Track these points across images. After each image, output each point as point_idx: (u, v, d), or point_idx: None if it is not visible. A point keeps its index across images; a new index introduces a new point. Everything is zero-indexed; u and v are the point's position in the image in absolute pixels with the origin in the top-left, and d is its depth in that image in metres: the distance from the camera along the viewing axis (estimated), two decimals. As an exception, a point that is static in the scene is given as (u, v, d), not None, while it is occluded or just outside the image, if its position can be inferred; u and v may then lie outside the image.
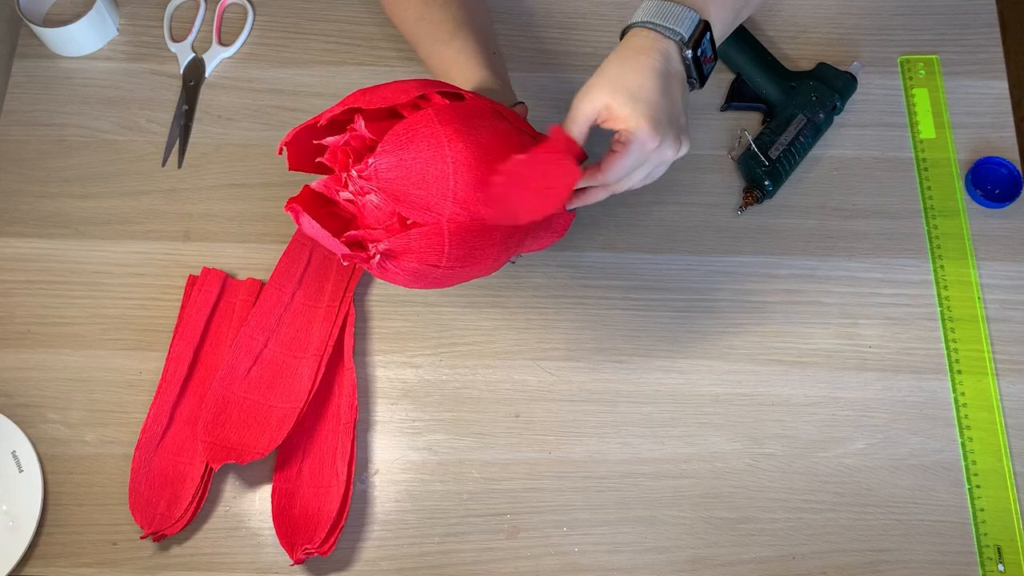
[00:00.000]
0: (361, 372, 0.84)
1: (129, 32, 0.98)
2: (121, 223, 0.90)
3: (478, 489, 0.81)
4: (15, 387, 0.84)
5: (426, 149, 0.66)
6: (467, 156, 0.66)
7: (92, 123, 0.94)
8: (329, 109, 0.70)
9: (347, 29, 0.98)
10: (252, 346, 0.83)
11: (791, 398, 0.83)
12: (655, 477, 0.81)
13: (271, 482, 0.80)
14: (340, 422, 0.81)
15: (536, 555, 0.79)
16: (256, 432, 0.80)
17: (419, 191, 0.66)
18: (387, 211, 0.67)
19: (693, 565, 0.79)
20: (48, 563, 0.79)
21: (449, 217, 0.66)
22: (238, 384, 0.81)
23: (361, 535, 0.80)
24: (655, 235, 0.89)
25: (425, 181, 0.66)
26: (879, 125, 0.93)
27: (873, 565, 0.78)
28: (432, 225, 0.66)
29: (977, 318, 0.85)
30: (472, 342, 0.85)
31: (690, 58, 0.69)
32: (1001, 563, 0.78)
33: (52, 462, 0.82)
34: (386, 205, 0.67)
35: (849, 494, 0.81)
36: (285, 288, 0.85)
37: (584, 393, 0.84)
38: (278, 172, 0.92)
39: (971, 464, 0.81)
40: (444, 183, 0.66)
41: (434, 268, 0.68)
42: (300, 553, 0.76)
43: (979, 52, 0.95)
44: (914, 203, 0.90)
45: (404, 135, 0.66)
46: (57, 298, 0.87)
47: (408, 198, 0.66)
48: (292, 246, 0.87)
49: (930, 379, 0.84)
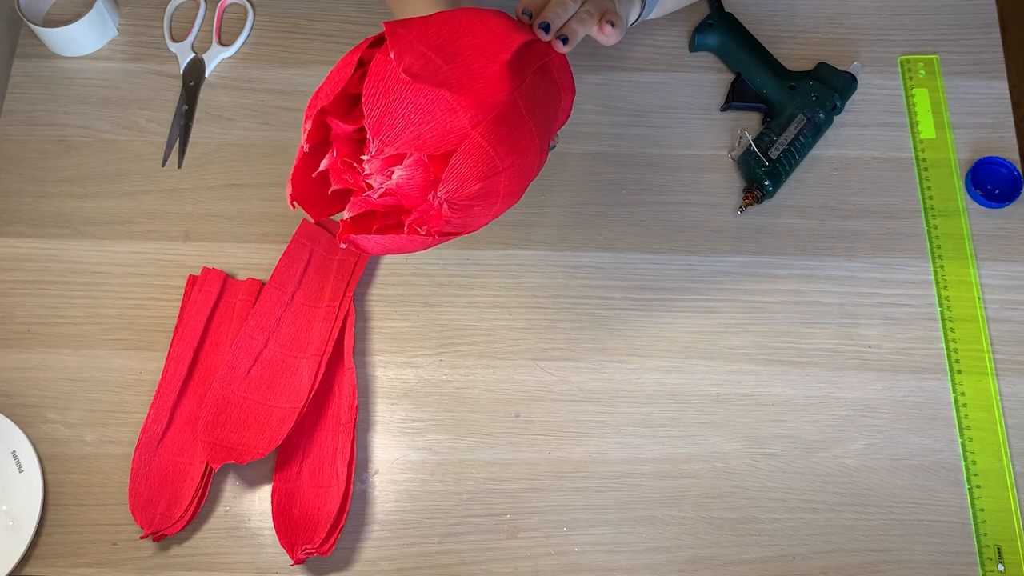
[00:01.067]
0: (361, 372, 0.84)
1: (129, 32, 0.98)
2: (121, 223, 0.90)
3: (478, 489, 0.81)
4: (15, 387, 0.84)
5: (402, 86, 0.63)
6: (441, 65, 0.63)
7: (92, 123, 0.94)
8: (304, 135, 0.67)
9: (347, 29, 0.98)
10: (252, 346, 0.83)
11: (791, 398, 0.83)
12: (655, 477, 0.81)
13: (271, 482, 0.80)
14: (340, 422, 0.81)
15: (536, 555, 0.79)
16: (256, 432, 0.80)
17: (428, 125, 0.63)
18: (421, 174, 0.65)
19: (693, 565, 0.79)
20: (48, 563, 0.79)
21: (471, 123, 0.63)
22: (238, 384, 0.81)
23: (361, 535, 0.80)
24: (655, 235, 0.89)
25: (425, 112, 0.63)
26: (879, 125, 0.93)
27: (873, 565, 0.78)
28: (464, 142, 0.63)
29: (977, 318, 0.85)
30: (472, 342, 0.85)
31: None
32: (1001, 563, 0.78)
33: (52, 462, 0.82)
34: (415, 167, 0.65)
35: (849, 494, 0.81)
36: (285, 288, 0.85)
37: (584, 393, 0.84)
38: (278, 172, 0.92)
39: (971, 464, 0.81)
40: (442, 102, 0.63)
41: (496, 175, 0.65)
42: (300, 553, 0.76)
43: (979, 52, 0.95)
44: (914, 203, 0.90)
45: (375, 88, 0.63)
46: (57, 298, 0.87)
47: (425, 137, 0.63)
48: (292, 246, 0.87)
49: (930, 379, 0.84)
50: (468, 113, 0.63)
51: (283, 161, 0.92)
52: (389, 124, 0.63)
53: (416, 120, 0.63)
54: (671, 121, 0.93)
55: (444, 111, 0.63)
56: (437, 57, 0.64)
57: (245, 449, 0.79)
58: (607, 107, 0.94)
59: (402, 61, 0.62)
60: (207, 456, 0.78)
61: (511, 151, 0.65)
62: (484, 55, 0.65)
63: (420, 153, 0.65)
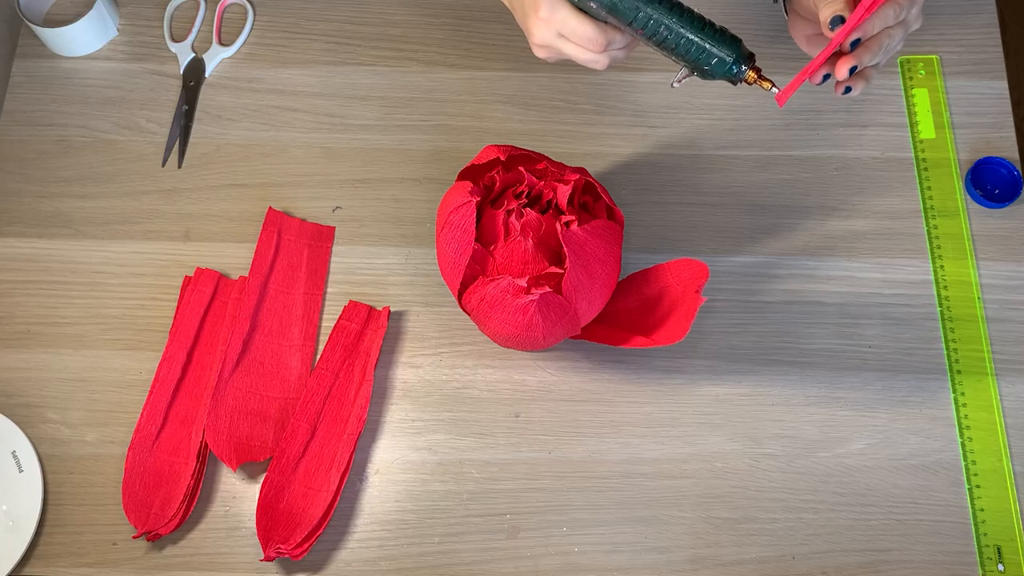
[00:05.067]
0: (361, 372, 0.84)
1: (129, 32, 0.98)
2: (121, 223, 0.90)
3: (478, 489, 0.81)
4: (15, 387, 0.84)
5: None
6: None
7: (92, 123, 0.94)
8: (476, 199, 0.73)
9: (347, 29, 0.98)
10: (240, 338, 0.83)
11: (791, 398, 0.83)
12: (655, 477, 0.81)
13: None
14: (345, 431, 0.80)
15: (536, 555, 0.79)
16: (261, 424, 0.81)
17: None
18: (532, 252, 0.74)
19: (693, 565, 0.79)
20: (48, 563, 0.79)
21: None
22: (236, 378, 0.82)
23: (361, 535, 0.80)
24: (655, 235, 0.89)
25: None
26: (879, 125, 0.93)
27: (873, 565, 0.78)
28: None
29: (977, 318, 0.85)
30: (472, 342, 0.85)
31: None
32: (1001, 563, 0.78)
33: (52, 462, 0.82)
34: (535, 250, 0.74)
35: (849, 494, 0.81)
36: (259, 276, 0.86)
37: (584, 393, 0.84)
38: (278, 172, 0.92)
39: (971, 464, 0.81)
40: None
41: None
42: (272, 551, 0.76)
43: (979, 52, 0.95)
44: (914, 203, 0.90)
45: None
46: (57, 298, 0.87)
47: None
48: (262, 235, 0.87)
49: (930, 379, 0.84)
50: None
51: (283, 161, 0.92)
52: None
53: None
54: (671, 121, 0.93)
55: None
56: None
57: (256, 442, 0.80)
58: (607, 107, 0.94)
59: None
60: (225, 458, 0.79)
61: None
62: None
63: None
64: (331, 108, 0.94)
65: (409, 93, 0.95)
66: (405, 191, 0.91)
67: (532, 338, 0.75)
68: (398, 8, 0.98)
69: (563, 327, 0.75)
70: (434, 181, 0.91)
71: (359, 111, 0.94)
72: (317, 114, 0.94)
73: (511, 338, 0.76)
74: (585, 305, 0.74)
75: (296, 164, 0.92)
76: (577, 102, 0.94)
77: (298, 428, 0.80)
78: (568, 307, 0.73)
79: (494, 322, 0.74)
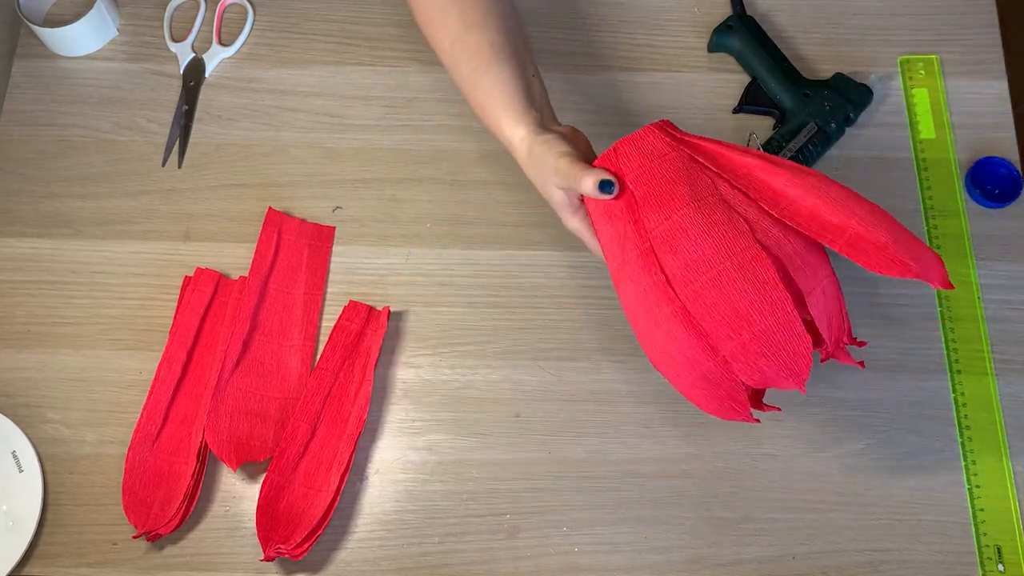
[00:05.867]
0: (361, 372, 0.84)
1: (129, 32, 0.98)
2: (121, 223, 0.90)
3: (478, 489, 0.81)
4: (15, 387, 0.84)
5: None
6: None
7: (92, 123, 0.94)
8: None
9: (347, 29, 0.98)
10: (239, 338, 0.83)
11: (790, 398, 0.83)
12: (655, 477, 0.81)
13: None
14: (346, 431, 0.80)
15: (536, 555, 0.79)
16: (261, 423, 0.81)
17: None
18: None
19: (693, 565, 0.79)
20: (48, 563, 0.79)
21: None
22: (236, 377, 0.82)
23: (361, 535, 0.80)
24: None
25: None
26: (879, 125, 0.93)
27: (873, 565, 0.78)
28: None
29: (976, 318, 0.85)
30: (472, 342, 0.85)
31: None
32: (1001, 563, 0.78)
33: (52, 462, 0.82)
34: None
35: (849, 494, 0.81)
36: (259, 276, 0.85)
37: (584, 393, 0.84)
38: (278, 172, 0.92)
39: (971, 464, 0.81)
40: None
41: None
42: (272, 551, 0.76)
43: (979, 52, 0.95)
44: (914, 203, 0.90)
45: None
46: (57, 298, 0.87)
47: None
48: (262, 234, 0.87)
49: (930, 379, 0.84)
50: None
51: (283, 161, 0.92)
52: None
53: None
54: (678, 121, 0.93)
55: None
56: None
57: (256, 442, 0.80)
58: (608, 107, 0.94)
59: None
60: (226, 459, 0.79)
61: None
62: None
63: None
64: (331, 108, 0.94)
65: (409, 93, 0.95)
66: (405, 191, 0.91)
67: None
68: (398, 8, 0.98)
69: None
70: (434, 181, 0.91)
71: (359, 111, 0.94)
72: (317, 114, 0.94)
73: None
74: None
75: (296, 164, 0.92)
76: (578, 102, 0.94)
77: (298, 428, 0.80)
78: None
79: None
